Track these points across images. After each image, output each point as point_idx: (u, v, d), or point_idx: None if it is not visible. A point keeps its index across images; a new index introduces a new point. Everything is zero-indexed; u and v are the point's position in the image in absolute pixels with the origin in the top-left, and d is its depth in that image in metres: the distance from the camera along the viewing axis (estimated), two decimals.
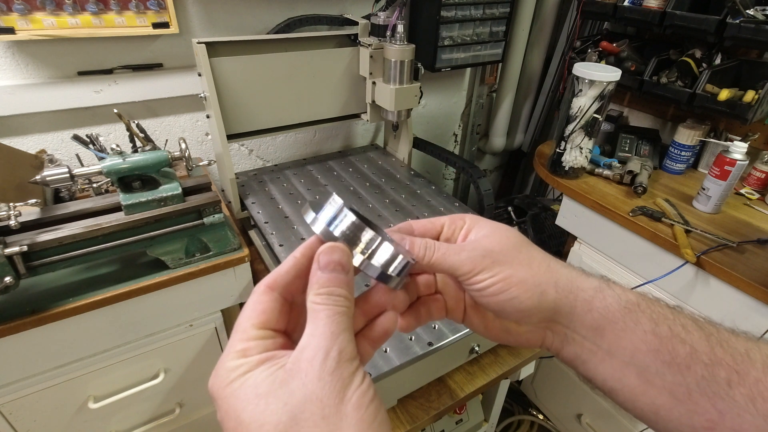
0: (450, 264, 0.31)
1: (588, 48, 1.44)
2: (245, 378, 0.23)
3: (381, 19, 1.10)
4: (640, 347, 0.30)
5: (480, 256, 0.31)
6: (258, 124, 1.12)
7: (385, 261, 0.28)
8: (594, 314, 0.31)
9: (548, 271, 0.32)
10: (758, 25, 1.02)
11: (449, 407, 0.82)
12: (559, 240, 1.59)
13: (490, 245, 0.32)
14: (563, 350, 0.34)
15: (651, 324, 0.30)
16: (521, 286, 0.31)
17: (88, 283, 0.81)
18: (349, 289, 0.26)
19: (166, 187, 0.80)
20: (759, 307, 0.91)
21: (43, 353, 0.79)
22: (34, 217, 0.74)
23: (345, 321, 0.25)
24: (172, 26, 1.06)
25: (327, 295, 0.25)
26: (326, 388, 0.22)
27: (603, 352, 0.31)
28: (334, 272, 0.26)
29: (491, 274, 0.31)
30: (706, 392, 0.28)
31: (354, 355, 0.24)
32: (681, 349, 0.29)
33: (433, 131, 1.80)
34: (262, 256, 1.08)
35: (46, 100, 1.03)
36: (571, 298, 0.32)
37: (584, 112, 1.13)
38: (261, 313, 0.26)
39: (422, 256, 0.31)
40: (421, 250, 0.32)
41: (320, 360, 0.23)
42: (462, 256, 0.31)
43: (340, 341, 0.23)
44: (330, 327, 0.24)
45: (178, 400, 1.02)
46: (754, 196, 1.19)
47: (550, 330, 0.34)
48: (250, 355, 0.24)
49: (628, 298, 0.31)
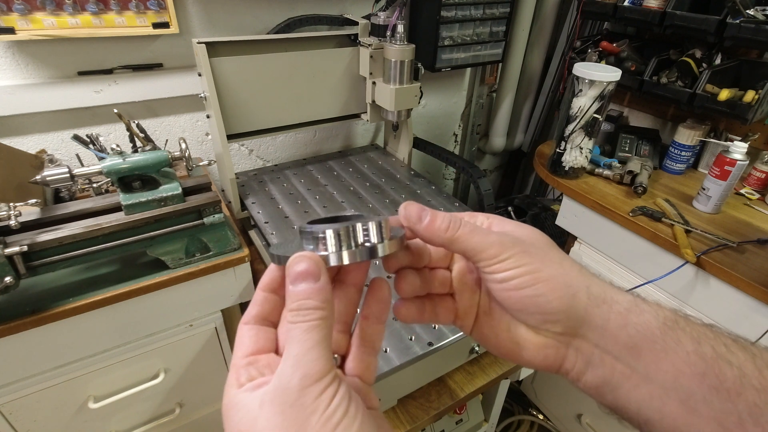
0: (475, 243, 0.28)
1: (588, 48, 1.44)
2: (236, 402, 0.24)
3: (381, 19, 1.10)
4: (684, 370, 0.26)
5: (510, 241, 0.28)
6: (258, 124, 1.12)
7: (357, 241, 0.26)
8: (630, 330, 0.27)
9: (580, 275, 0.29)
10: (758, 25, 1.02)
11: (449, 407, 0.82)
12: (559, 240, 1.59)
13: (520, 236, 0.30)
14: (586, 374, 0.29)
15: (693, 344, 0.26)
16: (550, 282, 0.28)
17: (88, 283, 0.81)
18: (321, 297, 0.25)
19: (166, 187, 0.80)
20: (759, 307, 0.91)
21: (43, 353, 0.79)
22: (34, 217, 0.74)
23: (316, 334, 0.24)
24: (172, 26, 1.06)
25: (297, 310, 0.24)
26: (287, 422, 0.22)
27: (639, 376, 0.27)
28: (303, 283, 0.25)
29: (518, 264, 0.28)
30: (760, 421, 0.24)
31: (322, 373, 0.23)
32: (729, 373, 0.25)
33: (433, 131, 1.80)
34: (262, 256, 1.08)
35: (46, 100, 1.03)
36: (605, 308, 0.28)
37: (584, 112, 1.13)
38: (240, 346, 0.26)
39: (445, 228, 0.28)
40: (444, 222, 0.28)
41: (281, 391, 0.22)
42: (491, 238, 0.28)
43: (304, 363, 0.23)
44: (298, 347, 0.23)
45: (178, 400, 1.02)
46: (754, 196, 1.19)
47: (573, 347, 0.29)
48: (242, 383, 0.24)
49: (665, 315, 0.28)
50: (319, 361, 0.23)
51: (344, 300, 0.30)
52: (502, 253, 0.28)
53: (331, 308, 0.25)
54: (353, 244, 0.26)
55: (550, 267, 0.28)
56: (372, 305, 0.29)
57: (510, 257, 0.28)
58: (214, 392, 1.07)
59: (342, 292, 0.30)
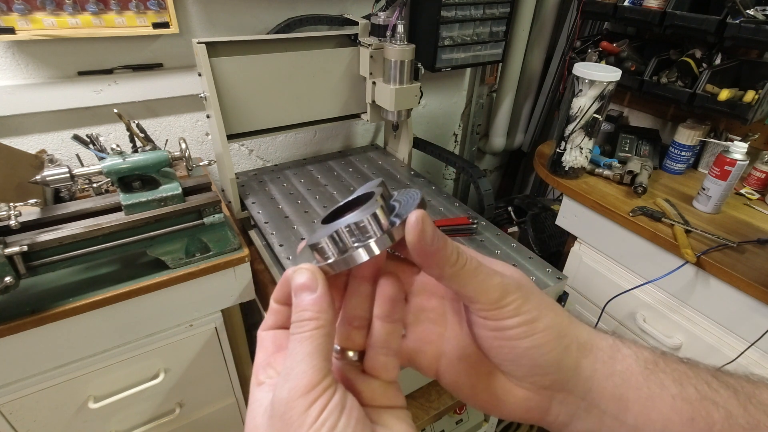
0: (477, 283, 0.25)
1: (588, 48, 1.44)
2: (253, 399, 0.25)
3: (381, 19, 1.10)
4: (672, 418, 0.25)
5: (513, 286, 0.26)
6: (258, 124, 1.12)
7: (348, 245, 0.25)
8: (615, 379, 0.26)
9: (570, 322, 0.27)
10: (758, 25, 1.02)
11: (449, 407, 0.82)
12: (559, 240, 1.59)
13: (515, 276, 0.27)
14: (570, 426, 0.28)
15: (677, 386, 0.25)
16: (547, 333, 0.25)
17: (88, 283, 0.81)
18: (316, 307, 0.24)
19: (166, 187, 0.80)
20: (759, 307, 0.91)
21: (43, 353, 0.79)
22: (34, 217, 0.74)
23: (308, 345, 0.23)
24: (172, 26, 1.06)
25: (297, 322, 0.24)
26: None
27: (627, 428, 0.26)
28: (302, 294, 0.25)
29: (519, 312, 0.25)
30: None
31: (310, 385, 0.22)
32: (716, 415, 0.24)
33: (433, 131, 1.80)
34: (262, 256, 1.08)
35: (46, 100, 1.03)
36: (591, 358, 0.26)
37: (584, 112, 1.13)
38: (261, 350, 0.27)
39: (454, 260, 0.25)
40: (453, 253, 0.25)
41: (273, 403, 0.23)
42: (494, 281, 0.25)
43: (293, 376, 0.22)
44: (290, 359, 0.23)
45: (178, 400, 1.02)
46: (754, 196, 1.19)
47: (557, 400, 0.27)
48: (260, 381, 0.26)
49: (646, 357, 0.26)
50: (307, 374, 0.22)
51: (356, 295, 0.29)
52: (504, 298, 0.25)
53: (327, 317, 0.24)
54: (351, 245, 0.26)
55: (547, 316, 0.26)
56: (380, 304, 0.28)
57: (511, 303, 0.25)
58: (214, 392, 1.07)
59: (354, 286, 0.29)
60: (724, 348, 1.00)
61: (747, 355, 0.95)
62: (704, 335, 1.04)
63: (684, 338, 1.08)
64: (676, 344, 1.09)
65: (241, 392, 1.11)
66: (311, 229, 1.01)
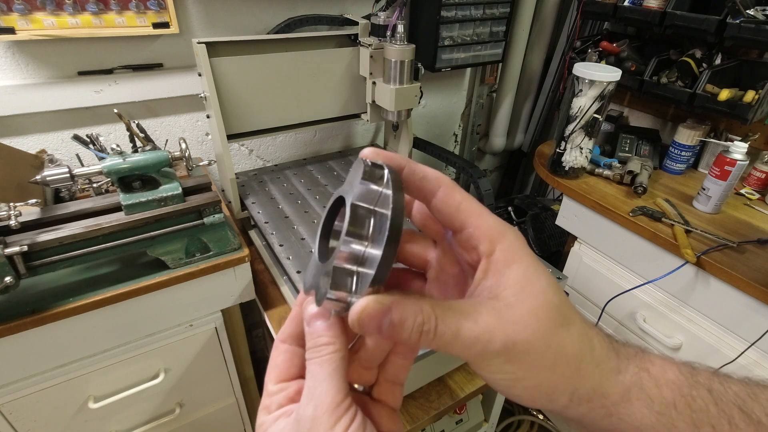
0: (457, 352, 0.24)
1: (588, 48, 1.44)
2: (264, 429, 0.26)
3: (381, 19, 1.10)
4: None
5: (496, 350, 0.23)
6: (258, 124, 1.12)
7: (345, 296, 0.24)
8: (613, 419, 0.25)
9: (573, 377, 0.25)
10: (758, 25, 1.02)
11: (449, 407, 0.82)
12: (559, 240, 1.59)
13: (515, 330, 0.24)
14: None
15: (692, 429, 0.24)
16: (530, 391, 0.25)
17: (88, 283, 0.81)
18: (331, 333, 0.25)
19: (166, 187, 0.80)
20: (759, 307, 0.91)
21: (43, 353, 0.79)
22: (34, 217, 0.74)
23: (328, 367, 0.25)
24: (172, 26, 1.06)
25: (312, 348, 0.26)
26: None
27: None
28: (316, 323, 0.26)
29: (499, 371, 0.24)
30: None
31: (334, 403, 0.23)
32: None
33: (433, 131, 1.80)
34: (262, 256, 1.08)
35: (46, 100, 1.03)
36: (585, 408, 0.25)
37: (584, 112, 1.13)
38: (273, 369, 0.28)
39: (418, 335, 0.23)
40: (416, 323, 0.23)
41: (297, 422, 0.24)
42: (476, 348, 0.23)
43: (317, 395, 0.24)
44: (311, 381, 0.24)
45: (178, 400, 1.02)
46: (754, 196, 1.19)
47: None
48: (271, 411, 0.27)
49: (663, 398, 0.24)
50: (330, 393, 0.24)
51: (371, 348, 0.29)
52: (484, 361, 0.24)
53: (341, 342, 0.26)
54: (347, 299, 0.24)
55: (537, 374, 0.24)
56: (402, 351, 0.29)
57: (491, 364, 0.24)
58: (214, 392, 1.07)
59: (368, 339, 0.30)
60: (724, 348, 1.00)
61: (747, 355, 0.95)
62: (704, 335, 1.04)
63: (684, 338, 1.08)
64: (676, 344, 1.09)
65: (241, 392, 1.11)
66: (311, 230, 1.01)
